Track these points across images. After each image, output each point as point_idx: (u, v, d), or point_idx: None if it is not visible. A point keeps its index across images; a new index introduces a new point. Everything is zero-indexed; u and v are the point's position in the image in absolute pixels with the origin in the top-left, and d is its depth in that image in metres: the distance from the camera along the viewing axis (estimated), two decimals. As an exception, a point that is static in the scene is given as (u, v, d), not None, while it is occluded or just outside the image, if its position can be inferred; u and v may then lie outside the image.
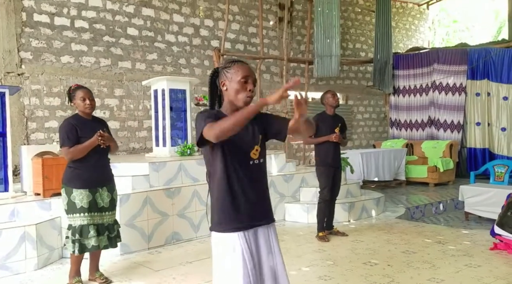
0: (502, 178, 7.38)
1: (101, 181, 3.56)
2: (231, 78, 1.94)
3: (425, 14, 13.71)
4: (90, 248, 3.48)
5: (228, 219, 1.92)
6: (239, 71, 1.94)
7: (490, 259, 3.95)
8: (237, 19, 9.12)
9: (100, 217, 3.55)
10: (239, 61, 2.01)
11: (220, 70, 2.01)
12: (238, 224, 1.92)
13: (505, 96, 9.43)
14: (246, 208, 1.94)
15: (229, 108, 1.97)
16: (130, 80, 7.70)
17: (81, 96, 3.51)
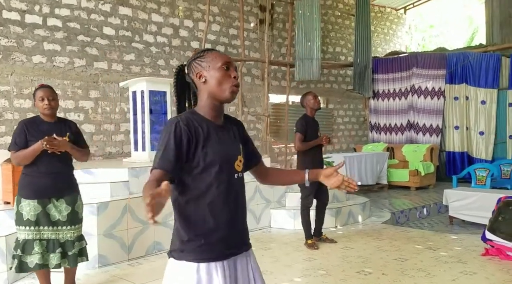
0: (483, 181, 7.43)
1: (55, 192, 3.15)
2: (208, 67, 1.61)
3: (402, 19, 13.84)
4: (33, 267, 3.07)
5: (202, 244, 1.55)
6: (217, 58, 1.63)
7: (484, 266, 3.87)
8: (218, 20, 8.91)
9: (54, 232, 3.15)
10: (211, 49, 1.70)
11: (191, 62, 1.67)
12: (215, 252, 1.56)
13: (483, 100, 9.55)
14: (225, 232, 1.58)
15: (209, 104, 1.62)
16: (106, 82, 7.37)
17: (40, 96, 3.17)
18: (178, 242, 1.61)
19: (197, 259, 1.56)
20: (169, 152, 1.51)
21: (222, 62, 1.63)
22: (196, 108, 1.67)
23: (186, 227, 1.58)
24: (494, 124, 9.44)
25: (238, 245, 1.65)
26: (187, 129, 1.55)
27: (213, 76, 1.61)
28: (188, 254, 1.57)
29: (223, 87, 1.61)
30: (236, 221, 1.63)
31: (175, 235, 1.64)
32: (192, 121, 1.58)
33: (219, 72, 1.61)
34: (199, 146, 1.57)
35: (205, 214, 1.57)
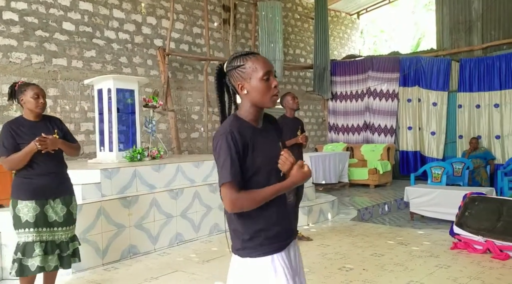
0: (439, 179, 7.86)
1: (52, 192, 3.08)
2: (250, 79, 1.63)
3: (356, 24, 14.32)
4: (34, 270, 2.98)
5: (267, 239, 1.65)
6: (258, 67, 1.63)
7: (456, 259, 4.10)
8: (181, 18, 8.77)
9: (51, 233, 3.07)
10: (250, 53, 1.67)
11: (230, 71, 1.68)
12: (278, 243, 1.67)
13: (434, 102, 10.09)
14: (282, 224, 1.69)
15: (252, 111, 1.68)
16: (66, 79, 7.03)
17: (35, 93, 3.04)
18: (240, 241, 1.67)
19: (260, 254, 1.64)
20: (234, 162, 1.59)
21: (263, 73, 1.64)
22: (238, 113, 1.71)
23: (244, 226, 1.66)
24: (445, 125, 10.00)
25: (290, 235, 1.74)
26: (240, 137, 1.60)
27: (255, 88, 1.65)
28: (251, 251, 1.65)
29: (265, 97, 1.66)
30: (288, 214, 1.74)
31: (234, 236, 1.70)
32: (239, 129, 1.63)
33: (261, 84, 1.64)
34: (250, 152, 1.63)
35: (261, 213, 1.64)
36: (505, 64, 9.03)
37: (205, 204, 5.26)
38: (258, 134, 1.69)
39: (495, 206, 4.36)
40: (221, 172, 1.59)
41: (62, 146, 3.10)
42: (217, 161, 1.62)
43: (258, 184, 1.62)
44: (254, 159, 1.63)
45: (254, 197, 1.59)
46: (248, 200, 1.58)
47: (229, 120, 1.68)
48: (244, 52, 1.69)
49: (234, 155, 1.58)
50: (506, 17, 9.33)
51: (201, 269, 4.04)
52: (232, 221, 1.70)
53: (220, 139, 1.61)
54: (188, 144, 8.70)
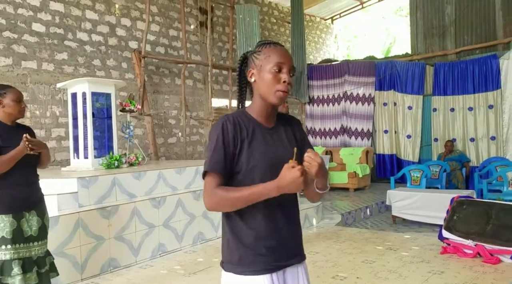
0: (418, 182, 7.91)
1: (28, 204, 2.87)
2: (260, 67, 1.49)
3: (330, 29, 14.41)
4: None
5: (252, 257, 1.46)
6: (271, 56, 1.48)
7: (447, 264, 4.05)
8: (156, 20, 8.52)
9: (27, 249, 2.84)
10: (272, 42, 1.54)
11: (249, 55, 1.55)
12: (265, 265, 1.46)
13: (409, 105, 10.21)
14: (275, 243, 1.48)
15: (260, 105, 1.52)
16: (36, 83, 6.67)
17: (17, 97, 2.87)
18: (228, 254, 1.51)
19: (244, 272, 1.46)
20: (218, 152, 1.44)
21: (274, 62, 1.48)
22: (247, 108, 1.56)
23: (234, 238, 1.48)
24: (420, 128, 10.13)
25: (287, 256, 1.52)
26: (233, 128, 1.46)
27: (263, 79, 1.49)
28: (236, 266, 1.48)
29: (270, 90, 1.49)
30: (284, 230, 1.51)
31: (225, 245, 1.53)
32: (239, 121, 1.49)
33: (269, 74, 1.48)
34: (244, 148, 1.46)
35: (251, 223, 1.46)
36: (478, 68, 9.23)
37: (189, 212, 5.05)
38: (261, 132, 1.51)
39: (483, 209, 4.36)
40: (206, 158, 1.47)
41: (46, 150, 2.95)
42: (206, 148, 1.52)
43: (252, 184, 1.43)
44: (249, 156, 1.46)
45: (227, 194, 1.39)
46: (224, 199, 1.39)
47: (233, 112, 1.55)
48: (270, 41, 1.55)
49: (219, 145, 1.44)
50: (478, 22, 9.55)
51: (188, 282, 3.84)
52: (224, 231, 1.54)
53: (213, 127, 1.50)
54: (165, 150, 8.43)
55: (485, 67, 9.15)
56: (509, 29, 9.16)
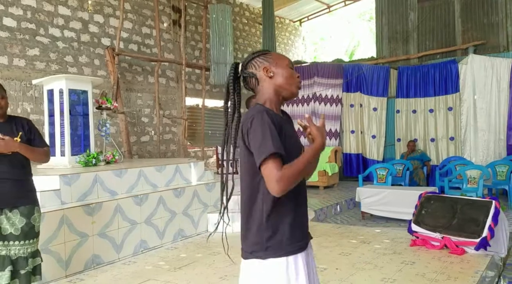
0: (384, 179, 8.30)
1: (8, 201, 2.81)
2: (276, 64, 1.68)
3: (298, 31, 14.72)
4: None
5: (289, 239, 1.60)
6: (282, 57, 1.73)
7: (418, 255, 4.36)
8: (129, 18, 8.47)
9: (4, 247, 2.79)
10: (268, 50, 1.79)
11: (254, 58, 1.70)
12: (299, 244, 1.63)
13: (374, 107, 10.64)
14: (302, 225, 1.68)
15: (275, 99, 1.67)
16: (7, 78, 6.50)
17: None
18: (262, 241, 1.59)
19: (285, 254, 1.59)
20: (275, 136, 1.51)
21: (288, 61, 1.72)
22: (262, 102, 1.68)
23: (268, 225, 1.59)
24: (384, 129, 10.57)
25: (308, 235, 1.74)
26: (275, 117, 1.57)
27: (281, 73, 1.68)
28: (274, 251, 1.59)
29: (291, 81, 1.69)
30: (306, 213, 1.73)
31: (255, 235, 1.61)
32: (271, 112, 1.60)
33: (287, 70, 1.70)
34: (282, 135, 1.57)
35: (287, 210, 1.61)
36: (439, 72, 9.76)
37: (170, 209, 5.12)
38: (285, 123, 1.66)
39: (449, 204, 4.71)
40: (261, 147, 1.48)
41: (20, 149, 2.81)
42: (252, 140, 1.52)
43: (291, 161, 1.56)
44: (286, 143, 1.57)
45: (297, 167, 1.48)
46: (293, 173, 1.47)
47: (257, 106, 1.62)
48: (265, 50, 1.77)
49: (274, 130, 1.51)
50: (439, 28, 10.10)
51: (175, 276, 3.93)
52: (255, 218, 1.61)
53: (255, 117, 1.53)
54: (138, 148, 8.41)
55: (445, 71, 9.69)
56: (467, 36, 9.75)
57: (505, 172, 7.91)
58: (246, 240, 1.64)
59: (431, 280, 3.62)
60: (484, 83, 9.20)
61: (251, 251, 1.61)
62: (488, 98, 9.18)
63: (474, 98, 9.37)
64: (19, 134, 2.85)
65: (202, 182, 5.81)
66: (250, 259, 1.61)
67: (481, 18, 9.58)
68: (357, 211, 7.43)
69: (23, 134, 2.89)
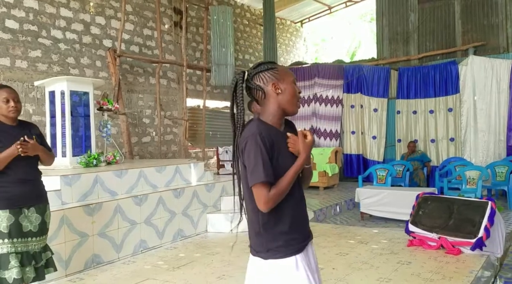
0: (383, 180, 8.33)
1: (27, 200, 2.94)
2: (283, 80, 1.75)
3: (300, 32, 14.77)
4: (12, 282, 2.82)
5: (288, 242, 1.73)
6: (288, 73, 1.79)
7: (414, 256, 4.40)
8: (131, 19, 8.54)
9: (25, 244, 2.92)
10: (276, 64, 1.82)
11: (261, 72, 1.76)
12: (298, 245, 1.74)
13: (375, 108, 10.67)
14: (300, 226, 1.79)
15: (278, 114, 1.76)
16: (9, 80, 6.57)
17: (4, 97, 2.90)
18: (263, 244, 1.73)
19: (283, 256, 1.70)
20: (266, 163, 1.63)
21: (293, 78, 1.78)
22: (261, 117, 1.76)
23: (270, 230, 1.71)
24: (385, 129, 10.60)
25: (308, 236, 1.83)
26: (268, 138, 1.66)
27: (288, 91, 1.75)
28: (274, 252, 1.71)
29: (294, 100, 1.77)
30: (305, 216, 1.83)
31: (260, 237, 1.74)
32: (266, 132, 1.68)
33: (292, 87, 1.76)
34: (276, 153, 1.68)
35: (284, 215, 1.71)
36: (439, 73, 9.78)
37: (169, 209, 5.17)
38: (282, 137, 1.74)
39: (446, 205, 4.74)
40: (253, 172, 1.62)
41: (42, 152, 3.00)
42: (246, 161, 1.65)
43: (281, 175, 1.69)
44: (280, 161, 1.68)
45: (281, 187, 1.65)
46: (278, 193, 1.64)
47: (255, 123, 1.72)
48: (271, 61, 1.81)
49: (265, 155, 1.63)
50: (439, 30, 10.12)
51: (173, 276, 3.98)
52: (254, 224, 1.74)
53: (249, 139, 1.64)
54: (139, 149, 8.47)
55: (445, 73, 9.71)
56: (467, 37, 9.77)
57: (504, 173, 7.92)
58: (252, 240, 1.78)
59: (426, 279, 3.65)
60: (484, 84, 9.22)
61: (256, 250, 1.75)
62: (488, 99, 9.20)
63: (474, 99, 9.38)
64: (34, 138, 2.94)
65: (201, 182, 5.87)
66: (255, 257, 1.76)
67: (481, 19, 9.60)
68: (357, 211, 7.47)
69: (37, 138, 2.98)
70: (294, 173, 1.68)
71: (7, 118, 2.93)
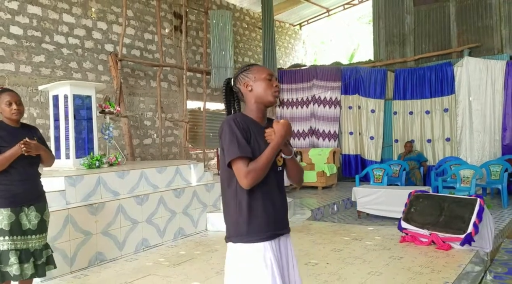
0: (380, 179, 8.49)
1: (27, 199, 3.10)
2: (254, 78, 1.95)
3: (298, 34, 14.95)
4: (13, 277, 3.00)
5: (257, 228, 1.84)
6: (261, 70, 1.97)
7: (406, 251, 4.56)
8: (132, 24, 8.73)
9: (24, 241, 3.07)
10: (255, 64, 2.05)
11: (238, 74, 2.00)
12: (266, 233, 1.85)
13: (372, 109, 10.84)
14: (273, 216, 1.89)
15: (256, 107, 1.95)
16: (14, 84, 6.76)
17: (7, 100, 3.07)
18: (236, 228, 1.86)
19: (252, 240, 1.83)
20: (241, 140, 1.79)
21: (266, 73, 1.96)
22: (244, 112, 1.96)
23: (242, 214, 1.84)
24: (382, 130, 10.77)
25: (282, 227, 1.95)
26: (243, 124, 1.85)
27: (259, 86, 1.94)
28: (245, 236, 1.85)
29: (267, 92, 1.94)
30: (280, 206, 1.95)
31: (230, 222, 1.88)
32: (242, 120, 1.88)
33: (264, 82, 1.94)
34: (252, 139, 1.85)
35: (258, 201, 1.85)
36: (435, 74, 9.95)
37: (170, 209, 5.35)
38: (260, 130, 1.90)
39: (437, 202, 4.91)
40: (229, 150, 1.79)
41: (44, 152, 3.15)
42: (223, 143, 1.82)
43: None
44: (256, 145, 1.85)
45: (259, 163, 1.77)
46: (257, 168, 1.76)
47: (234, 114, 1.95)
48: (250, 63, 2.05)
49: (239, 135, 1.80)
50: (435, 32, 10.30)
51: (174, 272, 4.15)
52: (230, 209, 1.88)
53: (224, 124, 1.85)
54: (141, 151, 8.65)
55: (441, 74, 9.88)
56: (462, 39, 9.94)
57: (499, 172, 8.08)
58: (227, 226, 1.93)
59: (415, 273, 3.82)
60: (479, 85, 9.38)
61: (229, 236, 1.89)
62: (483, 99, 9.36)
63: (470, 100, 9.55)
64: (35, 139, 3.11)
65: (201, 183, 6.05)
66: (228, 243, 1.91)
67: (476, 21, 9.77)
68: (354, 210, 7.64)
69: (38, 139, 3.15)
70: (271, 150, 1.80)
71: (10, 120, 3.10)
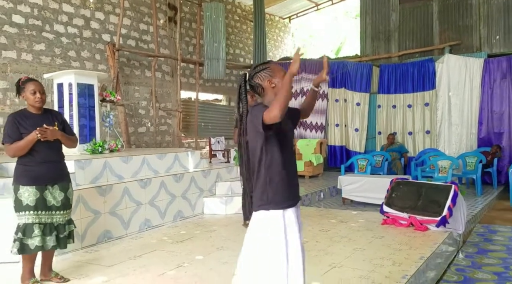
0: (364, 169, 8.99)
1: (51, 179, 3.42)
2: (275, 76, 2.27)
3: (288, 28, 15.30)
4: (34, 248, 3.33)
5: (285, 196, 2.21)
6: (278, 69, 2.30)
7: (387, 231, 5.04)
8: (128, 15, 8.98)
9: (49, 216, 3.42)
10: (268, 62, 2.37)
11: (258, 72, 2.31)
12: (291, 201, 2.25)
13: (358, 102, 11.32)
14: (293, 187, 2.30)
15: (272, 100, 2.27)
16: (16, 72, 7.00)
17: (31, 89, 3.38)
18: (266, 197, 2.21)
19: (282, 207, 2.21)
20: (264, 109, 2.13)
21: (283, 72, 2.32)
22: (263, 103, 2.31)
23: (270, 185, 2.21)
24: (366, 122, 11.26)
25: (298, 196, 2.36)
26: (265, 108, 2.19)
27: (280, 82, 2.29)
28: (274, 204, 2.20)
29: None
30: (297, 178, 2.36)
31: (260, 192, 2.23)
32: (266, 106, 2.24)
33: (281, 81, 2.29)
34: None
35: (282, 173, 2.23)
36: (417, 70, 10.46)
37: (170, 193, 5.72)
38: None
39: (415, 188, 5.39)
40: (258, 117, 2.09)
41: (61, 137, 3.43)
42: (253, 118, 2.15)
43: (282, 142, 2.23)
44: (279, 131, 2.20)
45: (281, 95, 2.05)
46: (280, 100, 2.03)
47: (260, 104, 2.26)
48: (265, 61, 2.40)
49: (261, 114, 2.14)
50: (418, 29, 10.80)
51: (178, 247, 4.55)
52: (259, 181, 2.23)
53: (256, 107, 2.21)
54: (136, 138, 8.96)
55: (423, 70, 10.39)
56: (444, 37, 10.46)
57: (474, 163, 8.65)
58: (255, 197, 2.26)
59: (395, 249, 4.29)
60: (458, 81, 9.92)
61: (259, 204, 2.23)
62: (462, 95, 9.91)
63: (449, 95, 10.09)
64: (56, 124, 3.42)
65: (198, 169, 6.42)
66: (258, 211, 2.24)
67: (457, 20, 10.29)
68: (339, 198, 8.11)
69: (58, 124, 3.46)
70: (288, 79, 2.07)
71: (33, 107, 3.40)
